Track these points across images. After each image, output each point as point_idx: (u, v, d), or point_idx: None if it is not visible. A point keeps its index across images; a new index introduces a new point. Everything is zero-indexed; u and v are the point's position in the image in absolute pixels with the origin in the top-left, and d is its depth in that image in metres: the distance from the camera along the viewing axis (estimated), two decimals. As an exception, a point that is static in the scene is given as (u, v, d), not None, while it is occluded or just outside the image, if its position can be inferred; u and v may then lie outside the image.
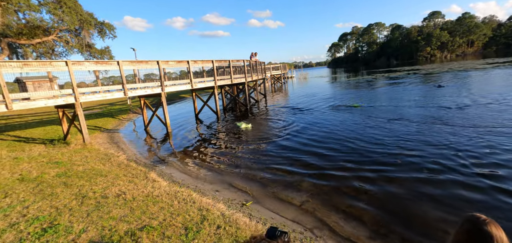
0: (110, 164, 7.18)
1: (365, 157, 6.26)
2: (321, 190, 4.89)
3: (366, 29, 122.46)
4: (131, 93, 10.77)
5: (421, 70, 36.96)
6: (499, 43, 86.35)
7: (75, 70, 8.83)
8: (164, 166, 7.34)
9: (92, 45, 22.27)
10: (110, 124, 15.18)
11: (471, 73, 25.30)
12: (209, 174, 6.43)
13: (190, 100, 31.86)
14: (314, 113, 13.11)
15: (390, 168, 5.44)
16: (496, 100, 11.24)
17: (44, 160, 7.52)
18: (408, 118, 9.66)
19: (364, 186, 4.84)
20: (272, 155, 7.22)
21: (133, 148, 9.86)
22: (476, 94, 13.30)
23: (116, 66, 10.09)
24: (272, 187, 5.22)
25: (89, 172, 6.34)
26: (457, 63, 44.60)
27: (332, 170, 5.73)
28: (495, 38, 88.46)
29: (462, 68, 32.26)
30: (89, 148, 8.93)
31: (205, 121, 14.54)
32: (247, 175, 5.98)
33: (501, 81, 17.38)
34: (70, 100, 8.85)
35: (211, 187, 5.50)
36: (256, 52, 20.39)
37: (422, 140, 7.03)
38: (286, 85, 38.09)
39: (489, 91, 13.75)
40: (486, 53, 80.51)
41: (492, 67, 28.36)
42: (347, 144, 7.34)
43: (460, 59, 68.47)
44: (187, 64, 12.88)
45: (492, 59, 44.86)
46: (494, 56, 61.79)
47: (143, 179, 5.76)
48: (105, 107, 21.11)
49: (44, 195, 4.78)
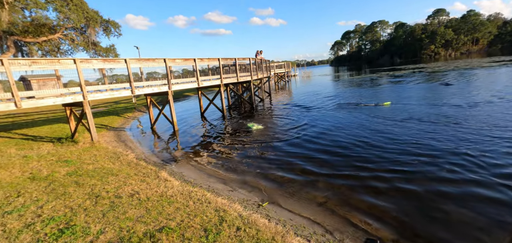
0: (120, 163, 7.12)
1: (380, 156, 6.14)
2: (338, 190, 4.79)
3: (370, 27, 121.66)
4: (138, 91, 10.70)
5: (426, 68, 36.62)
6: (504, 41, 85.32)
7: (83, 68, 8.79)
8: (174, 165, 7.27)
9: (97, 43, 22.25)
10: (116, 122, 15.16)
11: (477, 71, 24.99)
12: (221, 173, 6.34)
13: (194, 98, 31.82)
14: (322, 111, 12.98)
15: (408, 169, 5.31)
16: (507, 99, 11.05)
17: (53, 158, 7.49)
18: (420, 117, 9.50)
19: (383, 186, 4.73)
20: (283, 154, 7.11)
21: (141, 146, 9.81)
22: (486, 92, 13.10)
23: (124, 64, 10.03)
24: (287, 187, 5.13)
25: (99, 171, 6.29)
26: (462, 61, 44.15)
27: (347, 169, 5.62)
28: (500, 36, 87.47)
29: (468, 66, 31.91)
30: (97, 147, 8.88)
31: (210, 119, 14.46)
32: (260, 175, 5.89)
33: (510, 80, 17.11)
34: (78, 98, 8.80)
35: (224, 187, 5.42)
36: (261, 50, 20.27)
37: (437, 139, 6.89)
38: (290, 84, 37.91)
39: (498, 89, 13.53)
40: (491, 51, 79.66)
41: (499, 65, 27.99)
42: (360, 143, 7.21)
43: (465, 57, 67.82)
44: (194, 62, 12.80)
45: (498, 57, 44.35)
46: (499, 54, 61.08)
47: (155, 179, 5.69)
48: (110, 105, 21.12)
49: (57, 194, 4.73)
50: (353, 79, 32.57)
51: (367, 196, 4.48)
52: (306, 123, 10.65)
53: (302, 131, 9.42)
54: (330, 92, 21.44)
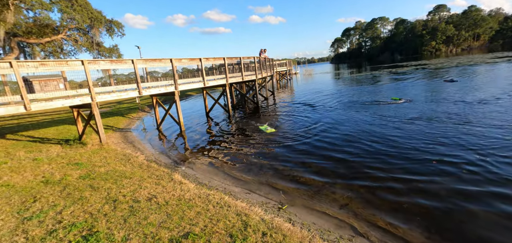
0: (131, 165, 7.07)
1: (396, 156, 6.08)
2: (358, 191, 4.73)
3: (370, 24, 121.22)
4: (146, 92, 10.64)
5: (429, 65, 36.49)
6: (505, 36, 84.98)
7: (90, 69, 8.72)
8: (186, 166, 7.22)
9: (100, 43, 22.13)
10: (121, 123, 15.11)
11: (482, 67, 24.87)
12: (235, 175, 6.29)
13: (196, 97, 31.75)
14: (329, 110, 12.90)
15: (426, 169, 5.26)
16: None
17: (64, 161, 7.44)
18: (430, 115, 9.44)
19: (404, 187, 4.68)
20: (296, 154, 7.06)
21: (150, 148, 9.76)
22: (494, 88, 13.02)
23: (130, 65, 9.96)
24: (304, 189, 5.08)
25: (112, 173, 6.24)
26: (465, 57, 43.98)
27: (364, 169, 5.57)
28: (501, 31, 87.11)
29: (472, 62, 31.79)
30: (106, 149, 8.83)
31: (216, 119, 14.41)
32: (275, 176, 5.83)
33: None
34: (86, 100, 8.74)
35: (240, 190, 5.37)
36: (265, 49, 20.18)
37: (452, 138, 6.83)
38: (291, 82, 37.80)
39: (505, 85, 13.45)
40: (492, 47, 79.41)
41: (503, 61, 27.85)
42: (373, 143, 7.15)
43: (466, 53, 67.65)
44: (200, 62, 12.73)
45: (501, 53, 44.19)
46: (500, 49, 60.94)
47: (169, 181, 5.64)
48: (114, 106, 21.05)
49: (74, 199, 4.68)
50: (356, 77, 32.47)
51: (389, 197, 4.42)
52: (316, 122, 10.59)
53: (312, 130, 9.36)
54: (333, 90, 21.37)
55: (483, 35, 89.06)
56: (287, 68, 38.55)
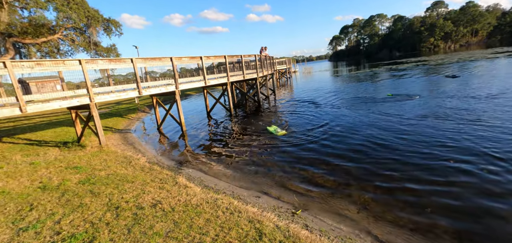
0: (133, 168, 6.79)
1: (410, 155, 5.82)
2: (375, 193, 4.48)
3: (368, 21, 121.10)
4: (146, 91, 10.34)
5: (429, 61, 36.33)
6: (503, 32, 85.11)
7: (89, 69, 8.41)
8: (190, 169, 6.94)
9: (98, 43, 21.71)
10: (120, 124, 14.79)
11: (483, 62, 24.70)
12: (241, 177, 6.02)
13: (196, 97, 31.42)
14: (333, 108, 12.64)
15: (445, 169, 5.01)
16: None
17: (62, 165, 7.14)
18: (439, 112, 9.19)
19: (422, 188, 4.42)
20: (304, 154, 6.78)
21: (151, 149, 9.46)
22: (499, 83, 12.81)
23: (130, 64, 9.66)
24: (317, 191, 4.82)
25: (113, 177, 5.95)
26: (466, 53, 43.83)
27: (378, 169, 5.30)
28: (499, 27, 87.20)
29: (472, 57, 31.66)
30: (106, 151, 8.53)
31: (218, 118, 14.13)
32: (284, 178, 5.57)
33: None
34: (84, 101, 8.43)
35: (249, 193, 5.10)
36: (266, 47, 19.86)
37: (465, 136, 6.60)
38: (291, 80, 37.54)
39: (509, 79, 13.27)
40: (490, 43, 79.43)
41: (504, 56, 27.72)
42: (384, 142, 6.88)
43: (464, 49, 67.71)
44: (200, 60, 12.43)
45: (501, 48, 44.11)
46: (499, 45, 60.89)
47: (174, 185, 5.36)
48: (113, 107, 20.70)
49: (73, 206, 4.39)
50: (356, 75, 32.25)
51: (409, 199, 4.17)
52: (321, 121, 10.33)
53: (319, 129, 9.10)
54: (334, 88, 21.13)
55: (481, 31, 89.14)
56: (287, 66, 38.28)
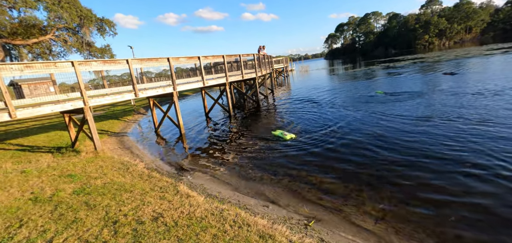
0: (130, 175, 6.45)
1: (421, 159, 5.59)
2: (390, 201, 4.22)
3: (363, 19, 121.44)
4: (142, 93, 9.97)
5: (426, 58, 36.39)
6: (496, 28, 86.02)
7: (82, 70, 8.03)
8: (191, 175, 6.63)
9: (92, 43, 21.11)
10: (116, 127, 14.38)
11: (480, 59, 24.73)
12: (246, 184, 5.73)
13: (192, 98, 30.99)
14: (335, 108, 12.38)
15: (462, 175, 4.78)
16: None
17: (55, 173, 6.76)
18: (445, 111, 9.00)
19: (441, 197, 4.18)
20: (310, 159, 6.49)
21: (149, 154, 9.11)
22: (501, 80, 12.71)
23: (125, 65, 9.29)
24: (329, 199, 4.55)
25: (110, 187, 5.61)
26: (462, 50, 44.01)
27: (390, 175, 5.05)
28: (492, 23, 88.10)
29: (469, 54, 31.76)
30: (102, 156, 8.16)
31: (216, 120, 13.80)
32: (292, 185, 5.28)
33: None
34: (78, 105, 8.05)
35: (256, 202, 4.81)
36: (264, 46, 19.58)
37: (477, 138, 6.40)
38: (288, 79, 37.33)
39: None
40: (484, 39, 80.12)
41: (501, 52, 27.82)
42: (393, 144, 6.63)
43: (458, 46, 68.13)
44: (198, 60, 12.07)
45: (496, 44, 44.44)
46: (492, 42, 61.42)
47: (175, 194, 5.05)
48: (108, 109, 20.22)
49: (67, 221, 4.06)
50: (353, 73, 32.14)
51: (428, 207, 3.93)
52: (324, 122, 10.08)
53: (323, 131, 8.84)
54: (333, 87, 20.93)
55: (474, 28, 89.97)
56: (284, 65, 38.03)
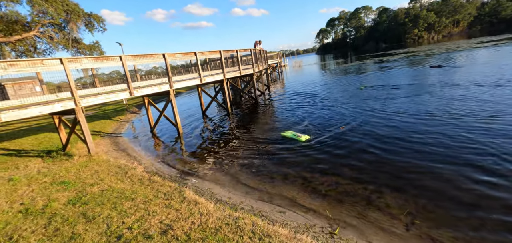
0: (130, 180, 6.00)
1: (438, 157, 5.38)
2: (416, 203, 3.96)
3: (353, 14, 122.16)
4: (137, 92, 9.45)
5: (419, 52, 36.71)
6: (483, 21, 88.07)
7: (72, 68, 7.46)
8: (195, 178, 6.23)
9: (79, 40, 20.11)
10: (109, 127, 13.75)
11: (470, 52, 25.00)
12: (256, 187, 5.38)
13: (187, 95, 30.32)
14: (336, 103, 12.13)
15: (490, 171, 4.57)
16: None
17: (47, 180, 6.24)
18: (444, 106, 8.87)
19: (468, 195, 3.95)
20: (322, 158, 6.19)
21: (147, 156, 8.64)
22: (497, 72, 12.73)
23: (118, 62, 8.75)
24: (350, 202, 4.26)
25: (108, 194, 5.16)
26: (451, 44, 44.63)
27: (409, 174, 4.81)
28: (479, 17, 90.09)
29: (460, 48, 32.16)
30: (96, 160, 7.65)
31: (214, 118, 13.39)
32: (306, 187, 4.97)
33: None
34: (69, 105, 7.50)
35: (271, 208, 4.47)
36: (260, 41, 19.17)
37: (494, 135, 6.24)
38: (282, 75, 37.06)
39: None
40: (471, 33, 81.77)
41: (491, 45, 28.26)
42: (406, 140, 6.40)
43: (447, 40, 69.27)
44: (194, 56, 11.56)
45: (485, 37, 45.30)
46: (479, 35, 62.63)
47: (182, 201, 4.66)
48: (99, 108, 19.43)
49: (64, 238, 3.63)
50: (346, 68, 32.11)
51: (460, 209, 3.68)
52: (328, 117, 9.82)
53: (327, 127, 8.57)
54: (327, 82, 20.75)
55: (462, 21, 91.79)
56: (278, 60, 37.68)
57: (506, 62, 15.78)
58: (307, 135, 7.83)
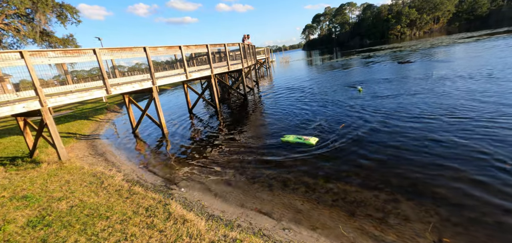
0: (106, 192, 5.19)
1: (451, 160, 4.96)
2: (437, 213, 3.47)
3: (338, 10, 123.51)
4: (115, 90, 8.53)
5: (405, 47, 37.23)
6: (461, 18, 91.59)
7: (36, 64, 6.47)
8: (182, 187, 5.49)
9: (50, 33, 18.38)
10: (86, 128, 12.62)
11: (456, 47, 25.48)
12: (253, 196, 4.73)
13: (172, 92, 29.09)
14: (330, 100, 11.68)
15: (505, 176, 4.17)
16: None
17: (6, 194, 5.30)
18: (459, 106, 8.61)
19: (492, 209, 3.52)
20: (321, 161, 5.65)
21: (127, 160, 7.77)
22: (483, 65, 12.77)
23: (92, 56, 7.81)
24: (362, 214, 3.71)
25: (78, 211, 4.36)
26: (436, 39, 45.65)
27: (423, 179, 4.33)
28: (457, 14, 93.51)
29: (443, 43, 32.84)
30: (68, 167, 6.73)
31: (201, 116, 12.58)
32: (310, 197, 4.38)
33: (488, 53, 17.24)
34: (33, 106, 6.51)
35: (273, 223, 3.85)
36: (248, 34, 18.42)
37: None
38: (270, 70, 36.53)
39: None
40: (450, 29, 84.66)
41: (474, 40, 28.97)
42: (411, 147, 5.95)
43: (428, 36, 71.21)
44: (179, 50, 10.71)
45: (465, 33, 46.75)
46: (457, 31, 64.75)
47: (166, 218, 3.95)
48: (76, 107, 18.03)
49: (14, 277, 2.84)
50: (332, 63, 32.02)
51: (484, 221, 3.22)
52: (324, 116, 9.32)
53: (326, 127, 8.06)
54: (316, 77, 20.36)
55: (442, 18, 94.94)
56: (266, 56, 37.07)
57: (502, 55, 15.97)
58: (315, 138, 6.86)
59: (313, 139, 6.77)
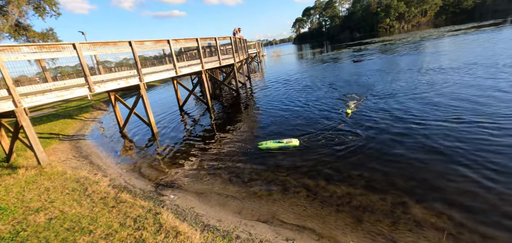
0: (90, 200, 4.75)
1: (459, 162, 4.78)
2: (454, 222, 3.25)
3: (328, 3, 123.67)
4: (99, 87, 7.97)
5: (395, 40, 37.48)
6: (447, 11, 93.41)
7: (7, 60, 5.87)
8: (174, 193, 5.10)
9: (27, 27, 17.17)
10: (70, 127, 11.94)
11: (447, 39, 25.75)
12: (251, 202, 4.41)
13: (161, 88, 28.28)
14: (327, 95, 11.43)
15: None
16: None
17: (-25, 206, 4.78)
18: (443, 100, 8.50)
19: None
20: (321, 162, 5.36)
21: (114, 163, 7.28)
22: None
23: (72, 51, 7.21)
24: (371, 220, 3.45)
25: (58, 225, 3.93)
26: (425, 32, 46.17)
27: (429, 180, 4.13)
28: (444, 7, 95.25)
29: (433, 36, 33.19)
30: (49, 173, 6.20)
31: (192, 114, 12.12)
32: (312, 202, 4.09)
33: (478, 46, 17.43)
34: (6, 107, 5.93)
35: (274, 233, 3.53)
36: (239, 28, 17.90)
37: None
38: (261, 65, 36.08)
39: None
40: (437, 22, 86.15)
41: (463, 33, 29.37)
42: (409, 137, 5.79)
43: (416, 29, 72.19)
44: (168, 44, 10.16)
45: (452, 26, 47.53)
46: (444, 24, 65.89)
47: (157, 231, 3.58)
48: (59, 105, 17.13)
49: None
50: (323, 58, 31.89)
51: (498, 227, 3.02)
52: (322, 112, 9.06)
53: (323, 124, 7.80)
54: (308, 72, 20.12)
55: (429, 11, 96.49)
56: (257, 50, 36.53)
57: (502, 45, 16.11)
58: (297, 140, 6.43)
59: (293, 142, 6.33)
